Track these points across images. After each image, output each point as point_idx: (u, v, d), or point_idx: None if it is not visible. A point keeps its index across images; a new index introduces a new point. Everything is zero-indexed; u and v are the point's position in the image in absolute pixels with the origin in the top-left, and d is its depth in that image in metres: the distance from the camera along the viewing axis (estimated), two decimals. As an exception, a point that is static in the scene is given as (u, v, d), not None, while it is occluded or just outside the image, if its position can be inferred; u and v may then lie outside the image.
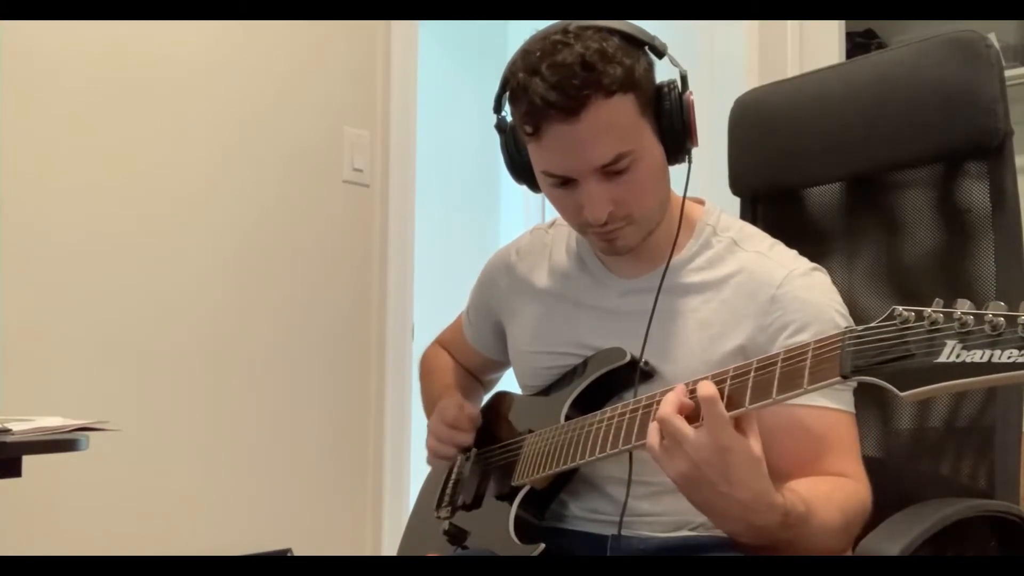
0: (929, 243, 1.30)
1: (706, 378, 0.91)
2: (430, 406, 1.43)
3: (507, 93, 1.09)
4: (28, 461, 1.18)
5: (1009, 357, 0.71)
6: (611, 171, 1.05)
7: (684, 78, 1.08)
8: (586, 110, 1.01)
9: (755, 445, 0.89)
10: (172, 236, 1.96)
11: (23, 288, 1.74)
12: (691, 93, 1.08)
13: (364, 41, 2.33)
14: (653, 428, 0.91)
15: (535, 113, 1.03)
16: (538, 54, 1.03)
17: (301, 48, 2.20)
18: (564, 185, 1.08)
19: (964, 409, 1.24)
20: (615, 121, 1.03)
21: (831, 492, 1.00)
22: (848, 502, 1.01)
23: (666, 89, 1.08)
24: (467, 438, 1.26)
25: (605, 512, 1.16)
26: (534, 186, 1.16)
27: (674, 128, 1.08)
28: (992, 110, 1.20)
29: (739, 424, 0.89)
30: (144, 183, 1.92)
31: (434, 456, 1.30)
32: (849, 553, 1.02)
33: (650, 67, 1.08)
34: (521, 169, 1.15)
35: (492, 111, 1.15)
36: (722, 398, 0.88)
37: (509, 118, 1.13)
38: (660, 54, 1.09)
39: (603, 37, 1.03)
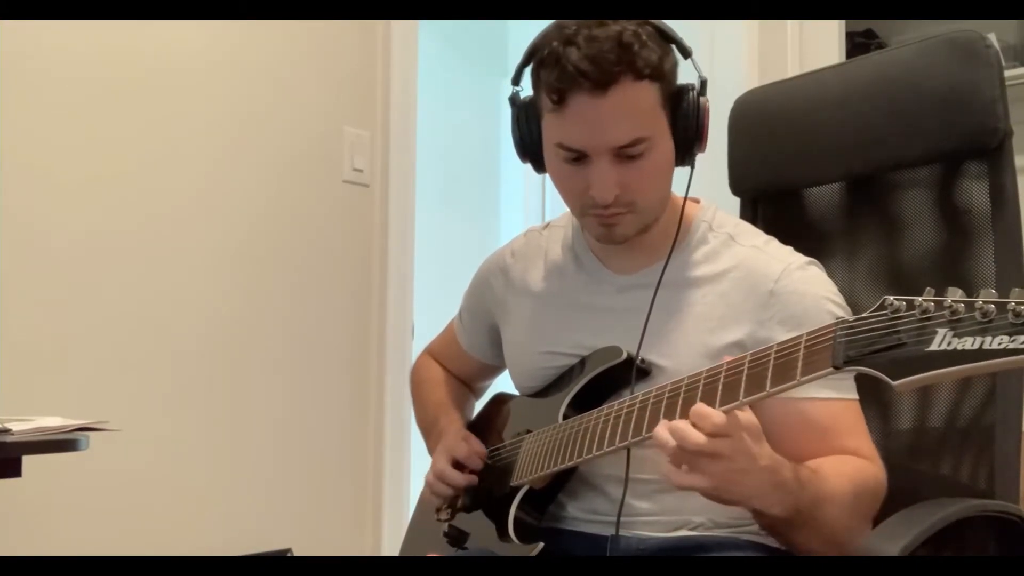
0: (929, 243, 1.30)
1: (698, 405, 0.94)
2: (424, 422, 1.43)
3: (531, 63, 1.09)
4: (28, 461, 1.18)
5: (1000, 343, 0.71)
6: (625, 154, 1.06)
7: (704, 83, 1.10)
8: (615, 87, 1.02)
9: (747, 414, 0.92)
10: (172, 236, 1.96)
11: (23, 288, 1.74)
12: (707, 100, 1.10)
13: (364, 41, 2.33)
14: (669, 465, 0.92)
15: (565, 80, 1.03)
16: (575, 27, 1.04)
17: (301, 48, 2.20)
18: (576, 161, 1.09)
19: (964, 409, 1.24)
20: (639, 105, 1.04)
21: (838, 465, 1.03)
22: (857, 475, 1.03)
23: (687, 90, 1.09)
24: (472, 479, 1.23)
25: (604, 512, 1.15)
26: (539, 164, 1.15)
27: (688, 129, 1.09)
28: (992, 110, 1.20)
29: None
30: (144, 183, 1.92)
31: (432, 492, 1.27)
32: (869, 528, 1.03)
33: (675, 65, 1.10)
34: (529, 145, 1.14)
35: (511, 83, 1.14)
36: (716, 392, 0.91)
37: (523, 93, 1.13)
38: (686, 54, 1.11)
39: (639, 24, 1.04)
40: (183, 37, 1.98)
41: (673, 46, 1.09)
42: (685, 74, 1.11)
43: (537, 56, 1.08)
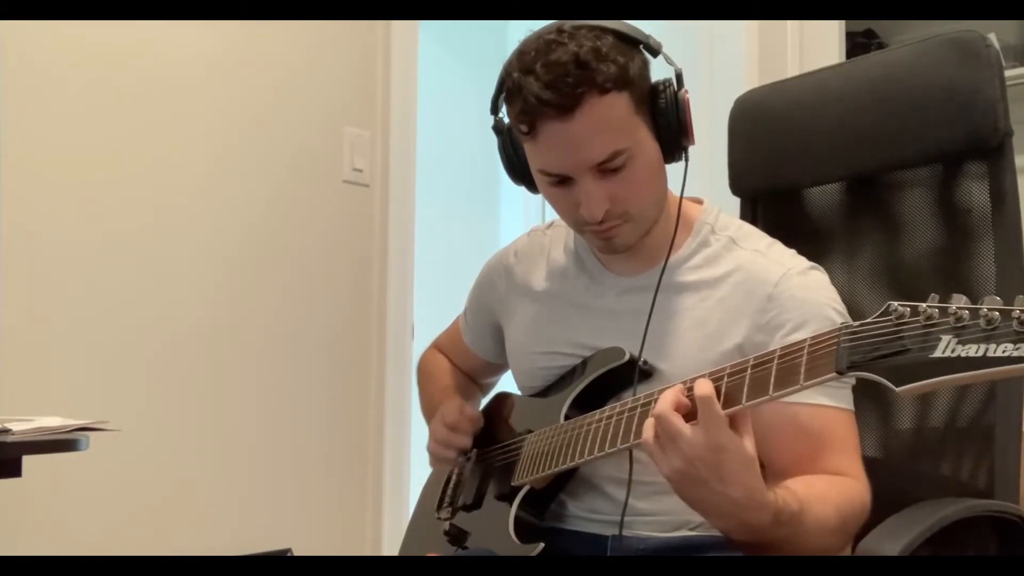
0: (929, 243, 1.30)
1: (703, 376, 0.91)
2: (429, 411, 1.43)
3: (503, 94, 1.09)
4: (28, 461, 1.18)
5: (1004, 351, 0.71)
6: (607, 169, 1.05)
7: (679, 76, 1.09)
8: (581, 108, 1.01)
9: (749, 444, 0.89)
10: (172, 236, 1.96)
11: (23, 288, 1.74)
12: (686, 91, 1.09)
13: (364, 41, 2.33)
14: (648, 424, 0.91)
15: (530, 112, 1.03)
16: (532, 53, 1.04)
17: (301, 48, 2.20)
18: (561, 184, 1.09)
19: (964, 409, 1.24)
20: (610, 118, 1.04)
21: (827, 491, 1.00)
22: (845, 501, 1.01)
23: (661, 87, 1.08)
24: (466, 440, 1.26)
25: (604, 512, 1.16)
26: (532, 186, 1.16)
27: (670, 126, 1.08)
28: (992, 110, 1.20)
29: (734, 422, 0.89)
30: (144, 183, 1.92)
31: (435, 460, 1.31)
32: (847, 551, 1.02)
33: (645, 65, 1.09)
34: (519, 170, 1.15)
35: (489, 113, 1.15)
36: (719, 396, 0.89)
37: (507, 119, 1.13)
38: (655, 53, 1.09)
39: (597, 36, 1.03)
40: (183, 37, 1.98)
41: (641, 47, 1.08)
42: (670, 69, 1.10)
43: (504, 88, 1.08)
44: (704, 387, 0.88)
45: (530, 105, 1.03)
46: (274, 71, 2.15)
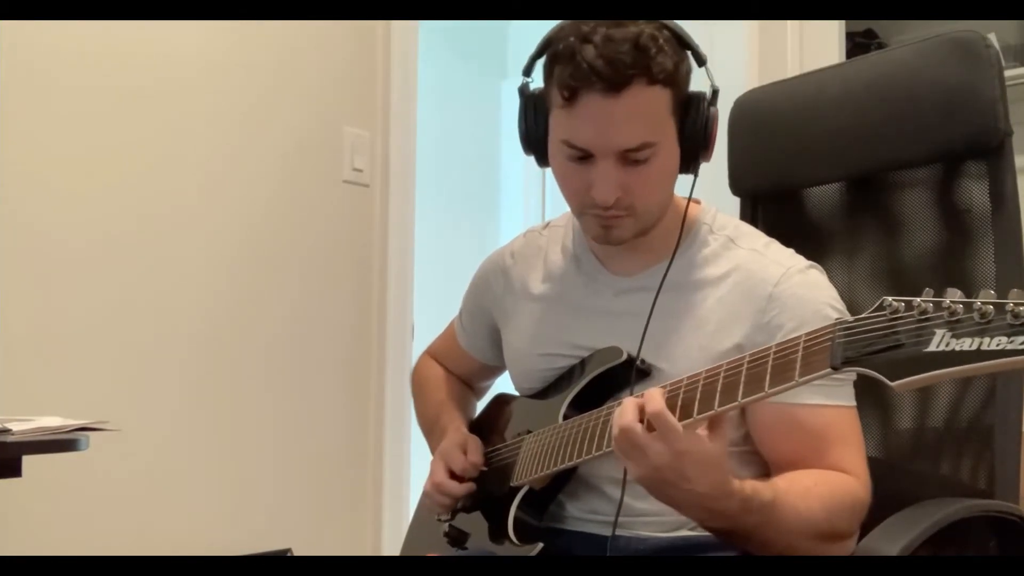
0: (929, 243, 1.30)
1: (662, 387, 0.94)
2: (425, 422, 1.42)
3: (545, 56, 1.08)
4: (28, 461, 1.18)
5: (998, 344, 0.71)
6: (630, 158, 1.05)
7: (715, 93, 1.09)
8: (628, 90, 1.01)
9: (715, 444, 0.92)
10: (172, 236, 1.96)
11: (23, 288, 1.74)
12: (717, 111, 1.09)
13: (364, 41, 2.33)
14: (616, 435, 0.94)
15: (579, 77, 1.02)
16: (592, 24, 1.03)
17: (301, 48, 2.20)
18: (580, 160, 1.08)
19: (964, 409, 1.24)
20: (650, 109, 1.04)
21: (812, 485, 1.01)
22: (832, 495, 1.02)
23: (697, 99, 1.09)
24: (469, 489, 1.23)
25: (603, 512, 1.15)
26: (542, 159, 1.14)
27: (695, 138, 1.09)
28: (992, 110, 1.20)
29: (710, 422, 0.92)
30: (144, 183, 1.92)
31: (432, 504, 1.27)
32: (845, 549, 1.02)
33: (689, 71, 1.09)
34: (534, 138, 1.13)
35: (521, 74, 1.13)
36: (715, 395, 0.90)
37: (532, 85, 1.12)
38: (701, 62, 1.10)
39: (658, 27, 1.04)
40: (183, 37, 1.98)
41: (689, 53, 1.08)
42: (697, 82, 1.11)
43: (551, 49, 1.07)
44: (654, 403, 0.91)
45: (581, 71, 1.01)
46: (274, 71, 2.15)
